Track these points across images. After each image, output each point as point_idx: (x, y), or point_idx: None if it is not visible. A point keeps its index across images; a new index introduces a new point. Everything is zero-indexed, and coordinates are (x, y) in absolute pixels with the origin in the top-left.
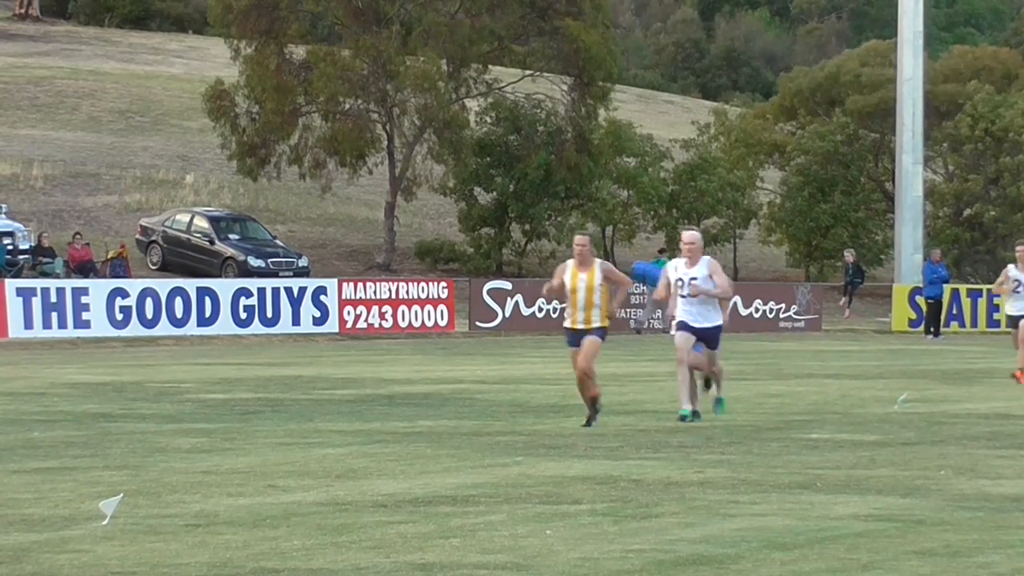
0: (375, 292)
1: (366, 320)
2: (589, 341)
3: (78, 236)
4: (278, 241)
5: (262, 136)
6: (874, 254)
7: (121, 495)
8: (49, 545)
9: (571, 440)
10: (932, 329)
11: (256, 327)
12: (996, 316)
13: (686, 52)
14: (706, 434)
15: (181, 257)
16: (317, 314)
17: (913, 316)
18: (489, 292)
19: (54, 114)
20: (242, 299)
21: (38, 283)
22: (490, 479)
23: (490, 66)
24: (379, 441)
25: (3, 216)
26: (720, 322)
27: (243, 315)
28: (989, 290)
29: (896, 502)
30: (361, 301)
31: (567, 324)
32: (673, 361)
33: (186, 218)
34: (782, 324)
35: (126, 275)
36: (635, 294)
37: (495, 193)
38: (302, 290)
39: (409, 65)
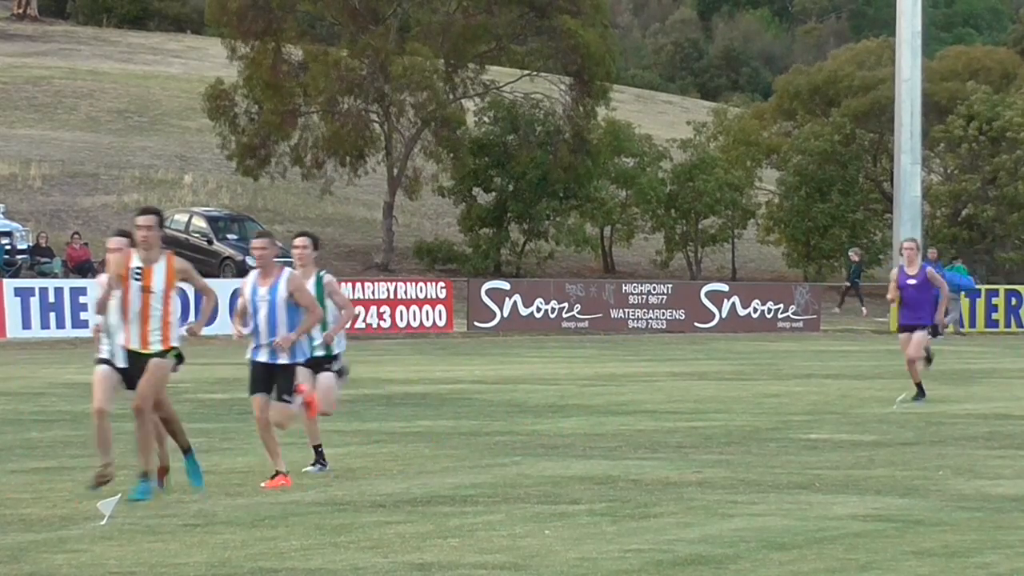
0: (373, 292)
1: (364, 320)
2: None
3: (76, 236)
4: (276, 241)
5: (261, 136)
6: (873, 254)
7: (119, 495)
8: (47, 545)
9: (569, 440)
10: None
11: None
12: (994, 316)
13: (684, 52)
14: (705, 434)
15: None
16: None
17: None
18: (487, 292)
19: (52, 114)
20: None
21: (36, 283)
22: (488, 479)
23: (488, 66)
24: (377, 441)
25: (1, 216)
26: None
27: None
28: (986, 290)
29: (894, 502)
30: (359, 301)
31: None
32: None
33: (184, 218)
34: (780, 324)
35: None
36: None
37: (494, 193)
38: None
39: (406, 64)
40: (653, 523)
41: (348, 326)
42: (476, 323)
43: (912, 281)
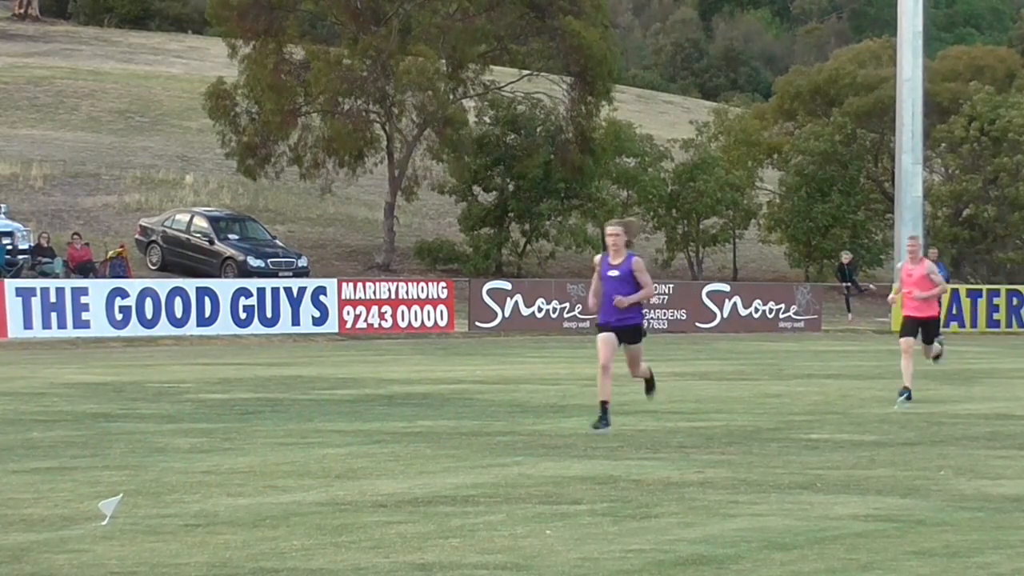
0: (375, 292)
1: (366, 320)
2: None
3: (77, 236)
4: (278, 241)
5: (261, 136)
6: (874, 254)
7: (120, 495)
8: (48, 545)
9: (571, 440)
10: None
11: (256, 327)
12: (996, 316)
13: (685, 52)
14: (706, 434)
15: (180, 257)
16: (317, 314)
17: None
18: (488, 292)
19: (54, 114)
20: (241, 299)
21: (38, 283)
22: (490, 479)
23: (489, 67)
24: (379, 441)
25: (3, 216)
26: None
27: (243, 315)
28: (988, 290)
29: (896, 502)
30: (361, 301)
31: None
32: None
33: (186, 218)
34: (782, 324)
35: (126, 275)
36: None
37: (495, 193)
38: (302, 290)
39: (408, 63)
40: (654, 523)
41: None
42: (477, 323)
43: (614, 272)
